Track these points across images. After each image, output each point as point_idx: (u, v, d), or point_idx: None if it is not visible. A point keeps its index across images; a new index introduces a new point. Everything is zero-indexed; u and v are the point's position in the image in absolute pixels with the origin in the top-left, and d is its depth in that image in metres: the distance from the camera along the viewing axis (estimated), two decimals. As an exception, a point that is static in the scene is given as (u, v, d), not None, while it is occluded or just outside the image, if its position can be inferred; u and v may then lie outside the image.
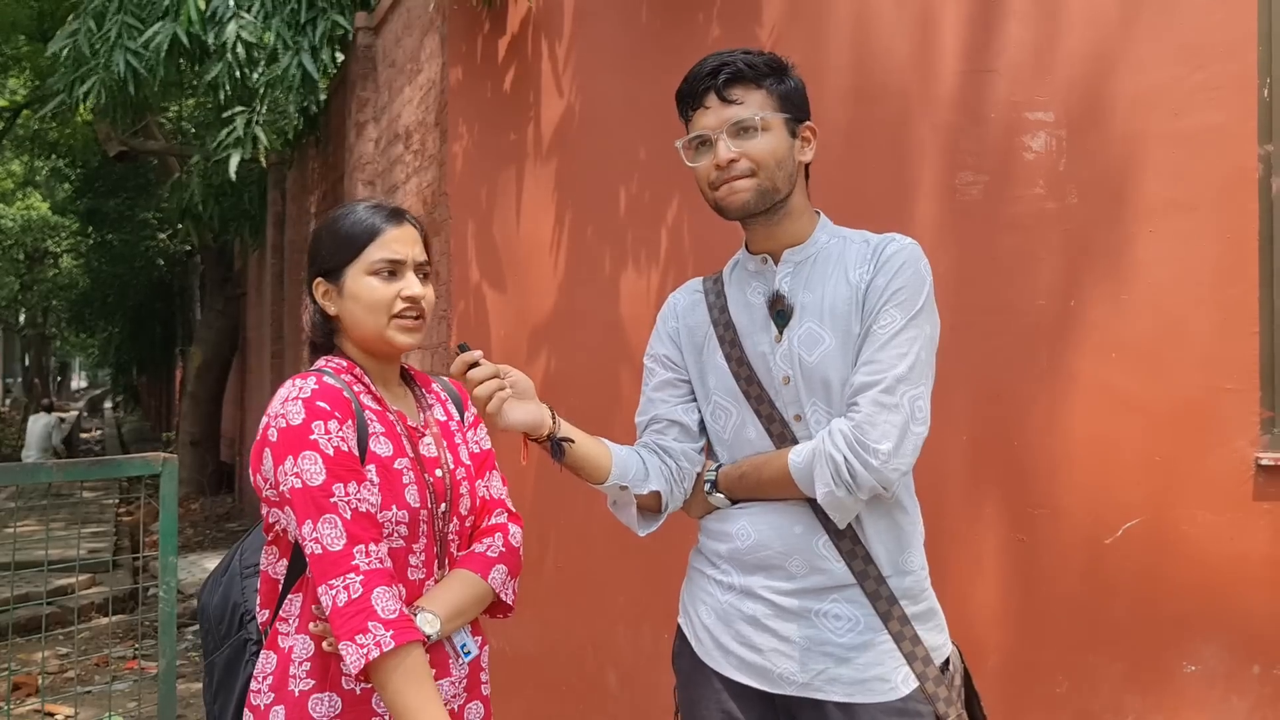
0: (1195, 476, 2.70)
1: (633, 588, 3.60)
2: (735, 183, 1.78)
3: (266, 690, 1.73)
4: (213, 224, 10.52)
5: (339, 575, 1.59)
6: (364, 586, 1.58)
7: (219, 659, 1.89)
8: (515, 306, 3.99)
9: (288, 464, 1.65)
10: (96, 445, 23.55)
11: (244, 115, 5.94)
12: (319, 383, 1.72)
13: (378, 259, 1.78)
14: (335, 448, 1.66)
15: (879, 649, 1.73)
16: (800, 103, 1.83)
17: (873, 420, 1.66)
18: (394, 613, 1.59)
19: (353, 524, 1.62)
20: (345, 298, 1.80)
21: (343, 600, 1.58)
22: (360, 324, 1.79)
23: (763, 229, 1.83)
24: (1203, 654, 2.69)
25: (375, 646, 1.55)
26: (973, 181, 2.98)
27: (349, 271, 1.79)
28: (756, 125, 1.76)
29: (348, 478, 1.65)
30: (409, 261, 1.80)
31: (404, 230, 1.82)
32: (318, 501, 1.62)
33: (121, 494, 12.57)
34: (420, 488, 1.76)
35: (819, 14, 3.26)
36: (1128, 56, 2.80)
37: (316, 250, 1.86)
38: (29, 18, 12.58)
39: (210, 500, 13.16)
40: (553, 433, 1.80)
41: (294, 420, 1.67)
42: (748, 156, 1.76)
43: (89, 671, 5.96)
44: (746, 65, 1.78)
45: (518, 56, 4.02)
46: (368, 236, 1.79)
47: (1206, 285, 2.69)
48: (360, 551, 1.61)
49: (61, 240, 25.31)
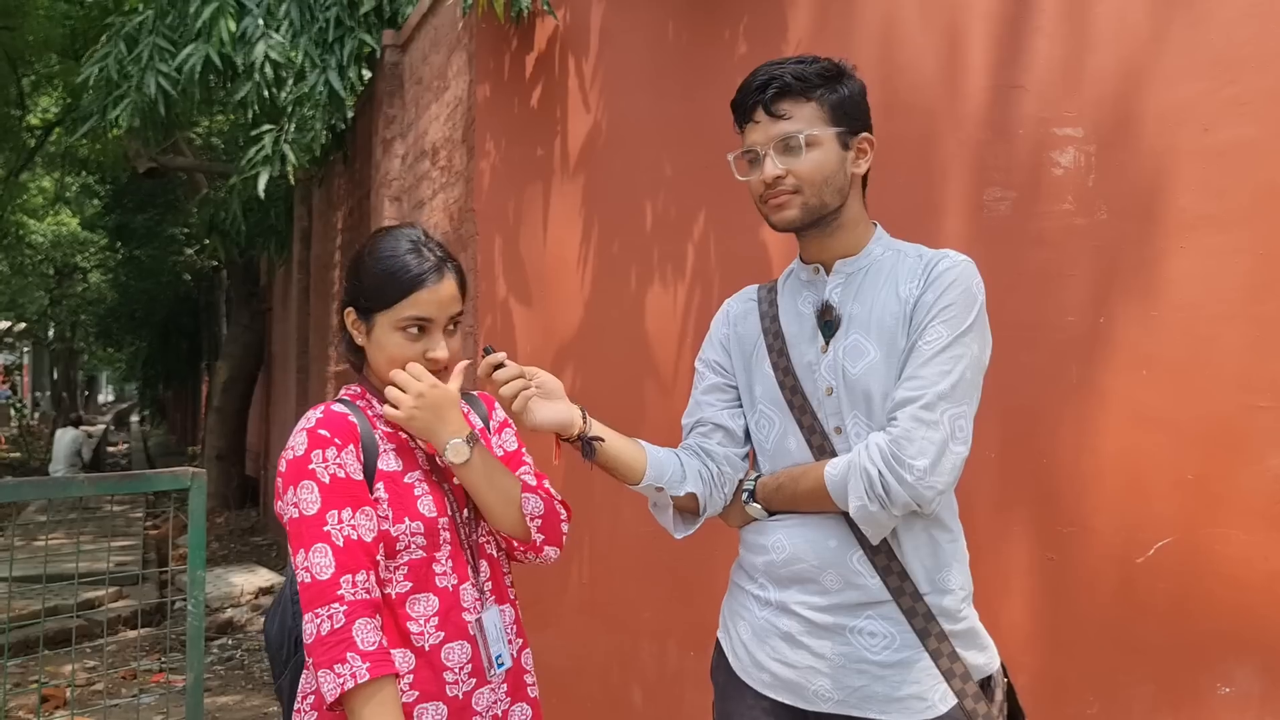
0: (1228, 495, 2.67)
1: (658, 604, 3.60)
2: (781, 199, 1.77)
3: (308, 709, 1.77)
4: (240, 239, 10.61)
5: (324, 604, 1.63)
6: (347, 617, 1.62)
7: (284, 684, 1.93)
8: (541, 322, 4.01)
9: (289, 494, 1.70)
10: (123, 459, 23.72)
11: (272, 133, 6.00)
12: (325, 411, 1.77)
13: (408, 316, 1.78)
14: (332, 475, 1.70)
15: (916, 667, 1.71)
16: (855, 112, 1.80)
17: (910, 436, 1.64)
18: (373, 645, 1.62)
19: (343, 552, 1.65)
20: (372, 341, 1.82)
21: (325, 630, 1.61)
22: (381, 370, 1.83)
23: (815, 240, 1.83)
24: (1236, 675, 2.66)
25: (351, 677, 1.58)
26: (1001, 197, 2.97)
27: (378, 318, 1.80)
28: (803, 143, 1.75)
29: (343, 504, 1.68)
30: (440, 320, 1.80)
31: (441, 286, 1.80)
32: (311, 530, 1.66)
33: (149, 508, 12.66)
34: (437, 496, 1.79)
35: (846, 30, 3.26)
36: (1157, 71, 2.79)
37: (354, 276, 1.85)
38: (62, 36, 12.77)
39: (235, 514, 13.23)
40: (583, 432, 1.80)
41: (299, 451, 1.72)
42: (794, 174, 1.75)
43: (116, 684, 5.99)
44: (795, 78, 1.76)
45: (545, 73, 4.04)
46: (402, 291, 1.77)
47: (1238, 301, 2.67)
48: (347, 581, 1.64)
49: (90, 255, 25.57)
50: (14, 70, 13.77)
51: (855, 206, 1.83)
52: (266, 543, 11.22)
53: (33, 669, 5.93)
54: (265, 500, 12.63)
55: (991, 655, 1.81)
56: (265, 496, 12.65)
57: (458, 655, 1.76)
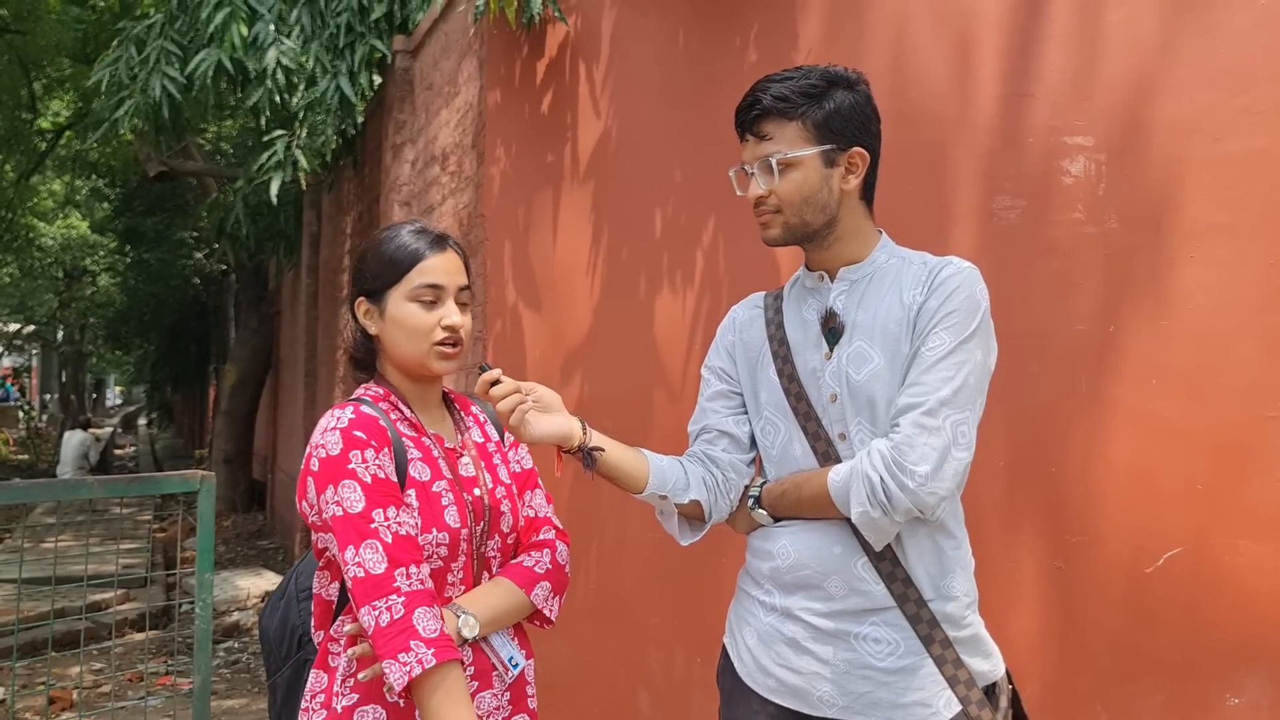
0: (1238, 505, 2.66)
1: (666, 610, 3.60)
2: (764, 218, 1.82)
3: (317, 708, 1.78)
4: (249, 244, 10.64)
5: (381, 597, 1.63)
6: (406, 607, 1.62)
7: (280, 680, 1.95)
8: (551, 328, 4.01)
9: (329, 493, 1.70)
10: (130, 462, 23.79)
11: (284, 139, 6.02)
12: (356, 412, 1.77)
13: (420, 285, 1.81)
14: (373, 475, 1.70)
15: (920, 673, 1.71)
16: (844, 127, 1.79)
17: (912, 442, 1.65)
18: (435, 632, 1.62)
19: (394, 547, 1.66)
20: (386, 320, 1.84)
21: (385, 621, 1.61)
22: (400, 348, 1.84)
23: (817, 250, 1.85)
24: (1246, 686, 2.65)
25: (418, 664, 1.58)
26: (1011, 206, 2.97)
27: (391, 295, 1.83)
28: (781, 165, 1.77)
29: (387, 503, 1.69)
30: (450, 288, 1.83)
31: (447, 257, 1.85)
32: (359, 528, 1.66)
33: (156, 510, 12.69)
34: (460, 508, 1.80)
35: (856, 38, 3.27)
36: (1168, 81, 2.79)
37: (360, 270, 1.89)
38: (73, 40, 12.85)
39: (242, 517, 13.25)
40: (583, 443, 1.82)
41: (333, 450, 1.72)
42: (775, 194, 1.78)
43: (123, 687, 6.01)
44: (776, 99, 1.77)
45: (555, 79, 4.05)
46: (411, 261, 1.82)
47: (1249, 311, 2.66)
48: (401, 574, 1.65)
49: (99, 259, 25.67)
50: (26, 74, 13.85)
51: (852, 219, 1.83)
52: (273, 546, 11.24)
53: (40, 671, 5.95)
54: (272, 504, 12.66)
55: (996, 662, 1.81)
56: (272, 500, 12.67)
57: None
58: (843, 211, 1.82)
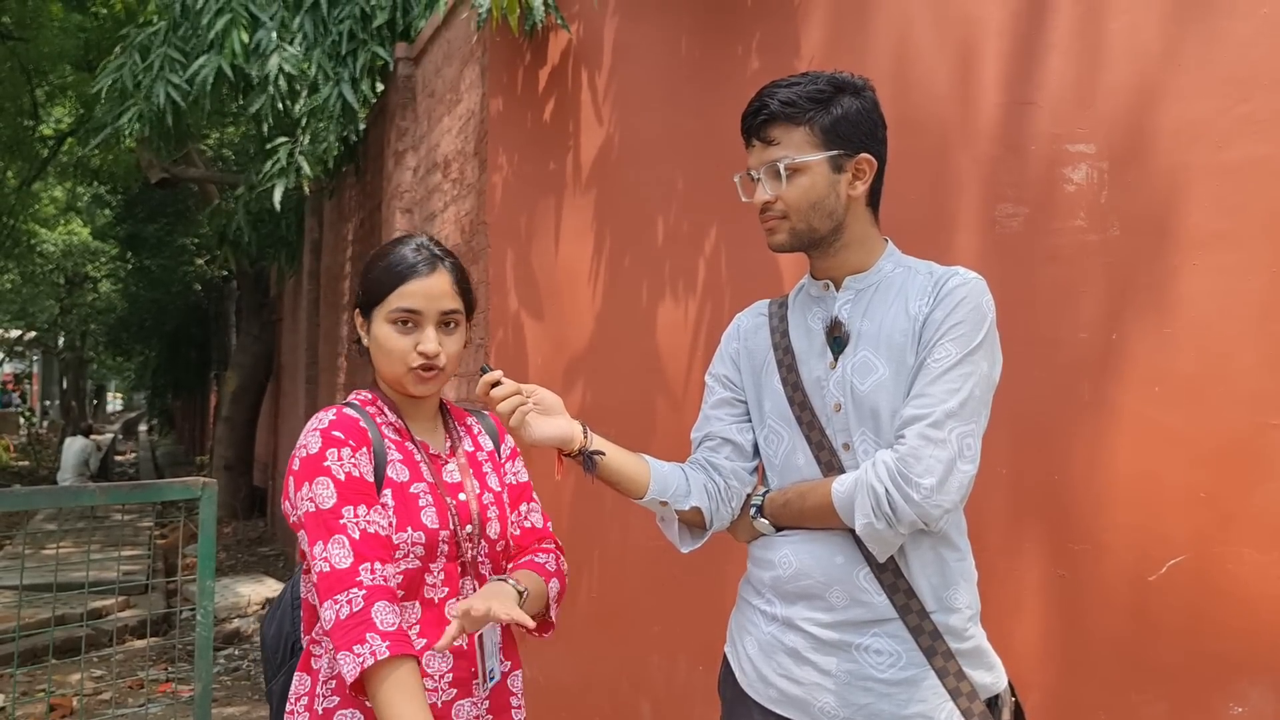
0: (1241, 513, 2.66)
1: (667, 618, 3.59)
2: (770, 223, 1.81)
3: (301, 710, 1.79)
4: (250, 250, 10.64)
5: (343, 590, 1.64)
6: (366, 600, 1.63)
7: (276, 687, 1.95)
8: (553, 335, 4.01)
9: (304, 490, 1.72)
10: (131, 468, 23.76)
11: (287, 145, 6.03)
12: (338, 414, 1.81)
13: (395, 309, 1.82)
14: (347, 473, 1.73)
15: (922, 685, 1.71)
16: (852, 133, 1.79)
17: (917, 454, 1.64)
18: (392, 626, 1.62)
19: (361, 544, 1.68)
20: (371, 339, 1.87)
21: (345, 614, 1.62)
22: (380, 365, 1.88)
23: (822, 258, 1.85)
24: (1249, 695, 2.64)
25: (370, 655, 1.58)
26: (1013, 213, 2.97)
27: (375, 314, 1.86)
28: (788, 170, 1.77)
29: (358, 501, 1.71)
30: (429, 314, 1.83)
31: (433, 279, 1.84)
32: (328, 523, 1.68)
33: (157, 517, 12.68)
34: (440, 510, 1.81)
35: (859, 45, 3.27)
36: (1170, 89, 2.79)
37: (360, 281, 1.92)
38: (75, 48, 12.88)
39: (243, 524, 13.24)
40: (584, 446, 1.81)
41: (312, 450, 1.75)
42: (782, 200, 1.78)
43: (123, 694, 5.99)
44: (784, 104, 1.77)
45: (558, 87, 4.06)
46: (394, 283, 1.83)
47: (1252, 319, 2.66)
48: (366, 569, 1.66)
49: (101, 265, 25.69)
50: (28, 81, 13.88)
51: (859, 226, 1.83)
52: (274, 553, 11.23)
53: (40, 678, 5.94)
54: (273, 510, 12.65)
55: (999, 674, 1.80)
56: (273, 506, 12.67)
57: (438, 664, 1.77)
58: (849, 218, 1.81)
